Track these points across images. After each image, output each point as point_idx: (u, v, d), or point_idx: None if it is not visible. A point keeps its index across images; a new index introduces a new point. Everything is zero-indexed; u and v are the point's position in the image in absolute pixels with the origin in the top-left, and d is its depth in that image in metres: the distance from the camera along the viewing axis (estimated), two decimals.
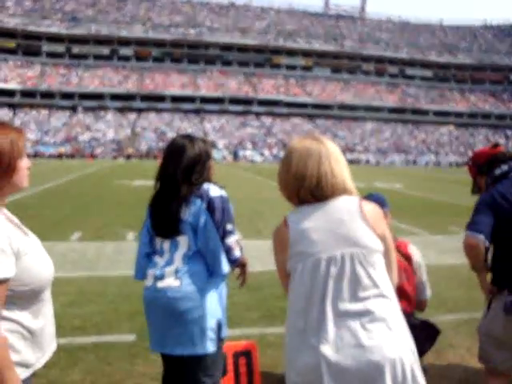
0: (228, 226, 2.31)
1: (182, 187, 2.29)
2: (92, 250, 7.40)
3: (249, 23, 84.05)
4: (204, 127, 67.02)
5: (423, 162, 65.00)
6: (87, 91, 67.61)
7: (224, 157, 57.11)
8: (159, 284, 2.25)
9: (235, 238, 2.35)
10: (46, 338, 1.74)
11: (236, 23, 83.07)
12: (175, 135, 2.62)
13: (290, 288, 1.75)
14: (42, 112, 64.90)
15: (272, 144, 64.64)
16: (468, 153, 65.54)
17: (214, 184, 2.38)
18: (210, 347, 2.25)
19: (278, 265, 1.82)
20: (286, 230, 1.75)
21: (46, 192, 15.77)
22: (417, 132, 75.51)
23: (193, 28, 78.75)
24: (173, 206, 2.28)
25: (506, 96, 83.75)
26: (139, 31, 75.48)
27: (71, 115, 65.53)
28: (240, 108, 71.99)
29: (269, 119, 71.76)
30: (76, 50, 73.10)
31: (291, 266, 1.73)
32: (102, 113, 66.82)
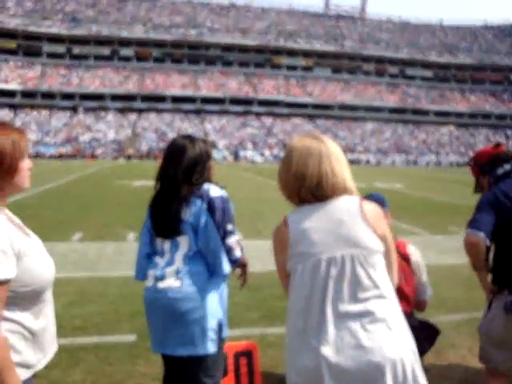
0: (228, 227, 2.31)
1: (183, 187, 2.28)
2: (93, 251, 7.41)
3: (249, 24, 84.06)
4: (204, 127, 67.02)
5: (424, 162, 64.96)
6: (88, 92, 67.65)
7: (224, 157, 57.10)
8: (160, 285, 2.25)
9: (236, 238, 2.35)
10: (48, 339, 1.74)
11: (236, 24, 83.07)
12: (176, 136, 2.61)
13: (291, 288, 1.74)
14: (43, 112, 64.92)
15: (272, 144, 64.62)
16: (468, 153, 65.51)
17: (215, 184, 2.38)
18: (211, 348, 2.25)
19: (278, 265, 1.81)
20: (286, 230, 1.74)
21: (47, 192, 15.77)
22: (417, 132, 75.48)
23: (193, 28, 78.77)
24: (173, 207, 2.28)
25: (507, 96, 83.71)
26: (140, 32, 75.52)
27: (72, 116, 65.55)
28: (240, 108, 71.98)
29: (269, 119, 71.75)
30: (77, 51, 73.14)
31: (291, 267, 1.73)
32: (103, 113, 66.84)
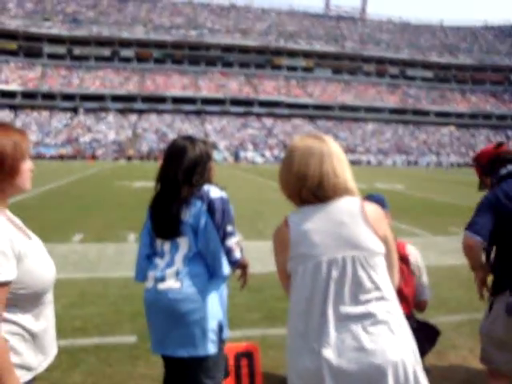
0: (228, 228, 2.30)
1: (183, 188, 2.28)
2: (93, 252, 7.40)
3: (250, 24, 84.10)
4: (205, 128, 67.03)
5: (424, 163, 64.94)
6: (88, 92, 67.69)
7: (225, 158, 57.08)
8: (160, 286, 2.24)
9: (235, 240, 2.34)
10: (48, 341, 1.73)
11: (237, 24, 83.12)
12: (176, 136, 2.61)
13: (292, 290, 1.74)
14: (43, 113, 64.95)
15: (273, 145, 64.62)
16: (469, 153, 65.50)
17: (215, 185, 2.38)
18: (212, 349, 2.25)
19: (278, 265, 1.81)
20: (287, 231, 1.73)
21: (47, 193, 15.77)
22: (418, 133, 75.46)
23: (194, 29, 78.82)
24: (173, 208, 2.27)
25: (507, 96, 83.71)
26: (140, 33, 75.58)
27: (72, 116, 65.57)
28: (241, 109, 72.00)
29: (270, 120, 71.75)
30: (77, 52, 73.21)
31: (292, 268, 1.72)
32: (103, 114, 66.86)
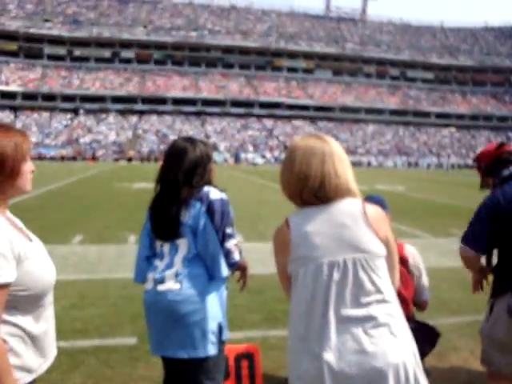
0: (228, 230, 2.29)
1: (183, 190, 2.27)
2: (93, 253, 7.40)
3: (250, 26, 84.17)
4: (205, 130, 67.06)
5: (425, 164, 64.93)
6: (88, 94, 67.75)
7: (225, 159, 57.06)
8: (159, 287, 2.24)
9: (235, 242, 2.33)
10: (49, 343, 1.73)
11: (237, 26, 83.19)
12: (176, 138, 2.60)
13: (292, 292, 1.73)
14: (44, 114, 64.98)
15: (273, 146, 64.62)
16: (470, 155, 65.50)
17: (215, 187, 2.37)
18: (212, 350, 2.24)
19: (279, 267, 1.80)
20: (288, 232, 1.72)
21: (48, 194, 15.77)
22: (418, 134, 75.47)
23: (194, 31, 78.89)
24: (173, 209, 2.27)
25: (508, 98, 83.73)
26: (141, 34, 75.66)
27: (72, 118, 65.62)
28: (241, 110, 72.02)
29: (270, 122, 71.76)
30: (77, 53, 73.29)
31: (293, 270, 1.72)
32: (104, 115, 66.89)
